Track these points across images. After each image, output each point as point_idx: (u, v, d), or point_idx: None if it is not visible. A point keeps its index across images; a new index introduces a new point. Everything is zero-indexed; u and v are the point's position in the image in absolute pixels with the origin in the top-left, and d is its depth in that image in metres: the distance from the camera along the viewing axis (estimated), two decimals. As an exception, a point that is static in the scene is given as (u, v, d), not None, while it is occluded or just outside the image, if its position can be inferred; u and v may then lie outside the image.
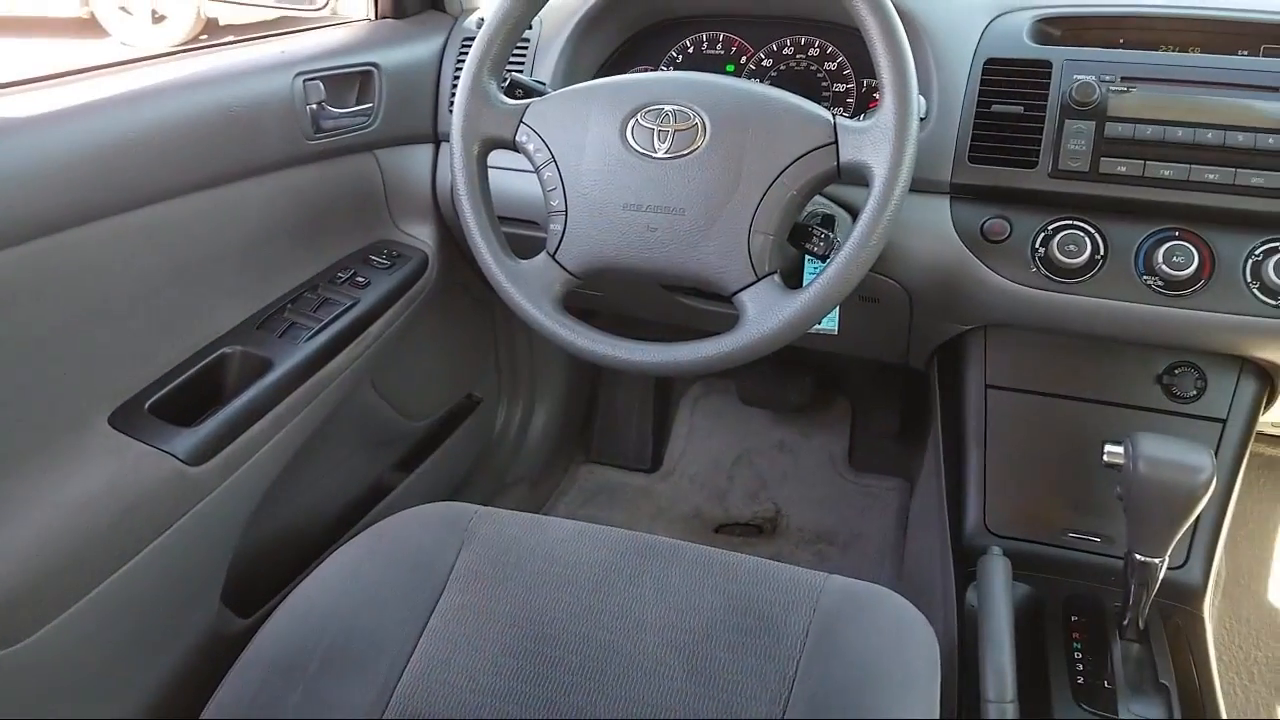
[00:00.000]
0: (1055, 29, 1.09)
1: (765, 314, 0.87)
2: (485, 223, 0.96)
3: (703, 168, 0.89)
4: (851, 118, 0.88)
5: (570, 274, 0.94)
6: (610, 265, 0.93)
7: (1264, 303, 0.96)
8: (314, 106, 1.15)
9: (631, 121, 0.91)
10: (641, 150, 0.91)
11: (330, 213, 1.22)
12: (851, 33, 0.85)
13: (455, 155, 0.96)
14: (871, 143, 0.84)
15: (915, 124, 0.84)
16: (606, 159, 0.92)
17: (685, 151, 0.89)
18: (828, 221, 0.99)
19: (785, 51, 1.22)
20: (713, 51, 1.25)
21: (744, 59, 1.24)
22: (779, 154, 0.87)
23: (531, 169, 0.96)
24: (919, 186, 1.05)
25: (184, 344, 1.04)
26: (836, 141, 0.86)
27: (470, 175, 0.96)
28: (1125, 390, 1.11)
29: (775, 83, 1.21)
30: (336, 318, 1.14)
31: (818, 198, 1.06)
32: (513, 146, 0.96)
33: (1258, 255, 0.96)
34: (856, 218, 0.85)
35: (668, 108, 0.91)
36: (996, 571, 0.99)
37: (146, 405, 0.98)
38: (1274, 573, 1.56)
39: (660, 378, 1.93)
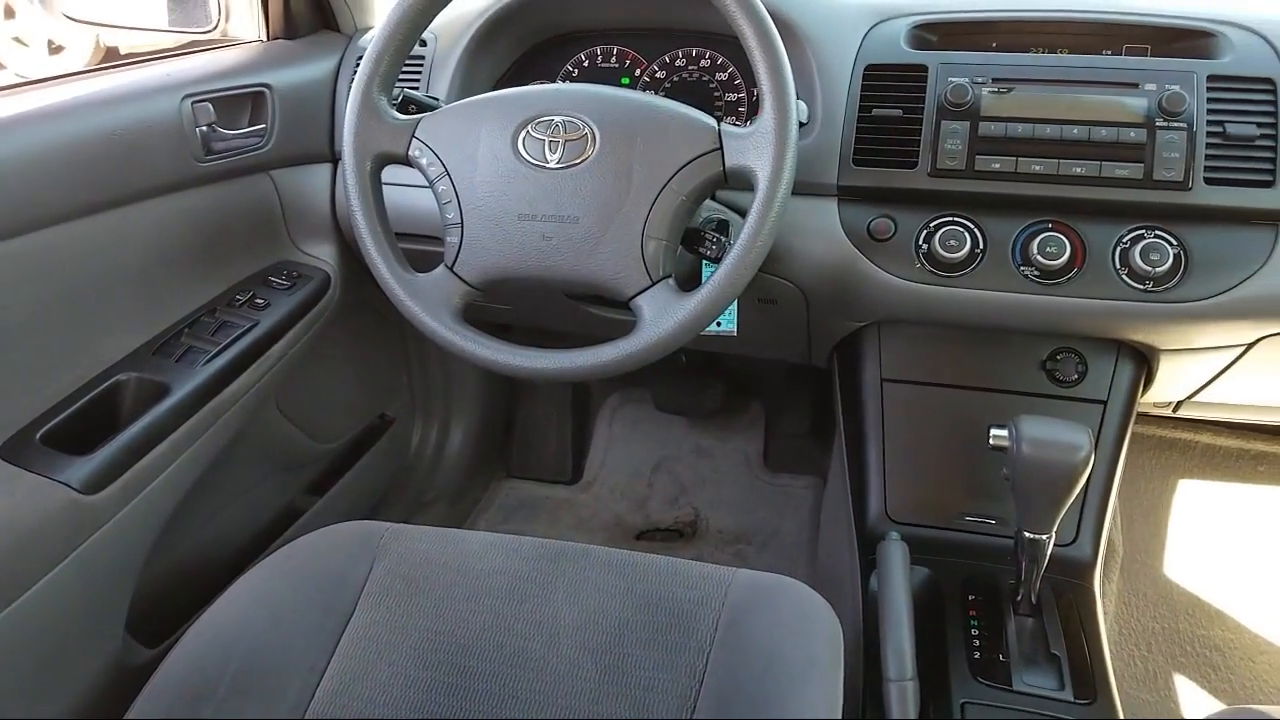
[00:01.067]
0: (932, 34, 1.14)
1: (660, 316, 0.89)
2: (381, 238, 0.96)
3: (594, 176, 0.90)
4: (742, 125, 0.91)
5: (469, 285, 0.95)
6: (508, 275, 0.94)
7: (1132, 288, 1.02)
8: (204, 128, 1.13)
9: (522, 133, 0.93)
10: (533, 161, 0.92)
11: (226, 235, 1.20)
12: (740, 44, 0.88)
13: (348, 172, 0.97)
14: (754, 147, 0.87)
15: (794, 128, 0.87)
16: (499, 170, 0.93)
17: (576, 161, 0.91)
18: (722, 226, 1.02)
19: (678, 63, 1.25)
20: (608, 65, 1.27)
21: (638, 71, 1.26)
22: (667, 161, 0.89)
23: (426, 183, 0.96)
24: (808, 190, 1.09)
25: (76, 372, 1.02)
26: (722, 147, 0.89)
27: (364, 191, 0.96)
28: (1012, 377, 1.16)
29: (669, 93, 1.24)
30: (235, 340, 1.13)
31: (713, 204, 1.09)
32: (406, 161, 0.97)
33: (1125, 243, 1.02)
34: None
35: (557, 119, 0.92)
36: (894, 556, 1.02)
37: (38, 435, 0.95)
38: (1168, 548, 1.64)
39: (578, 389, 1.94)
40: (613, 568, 0.96)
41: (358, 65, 0.97)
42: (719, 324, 1.11)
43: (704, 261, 1.09)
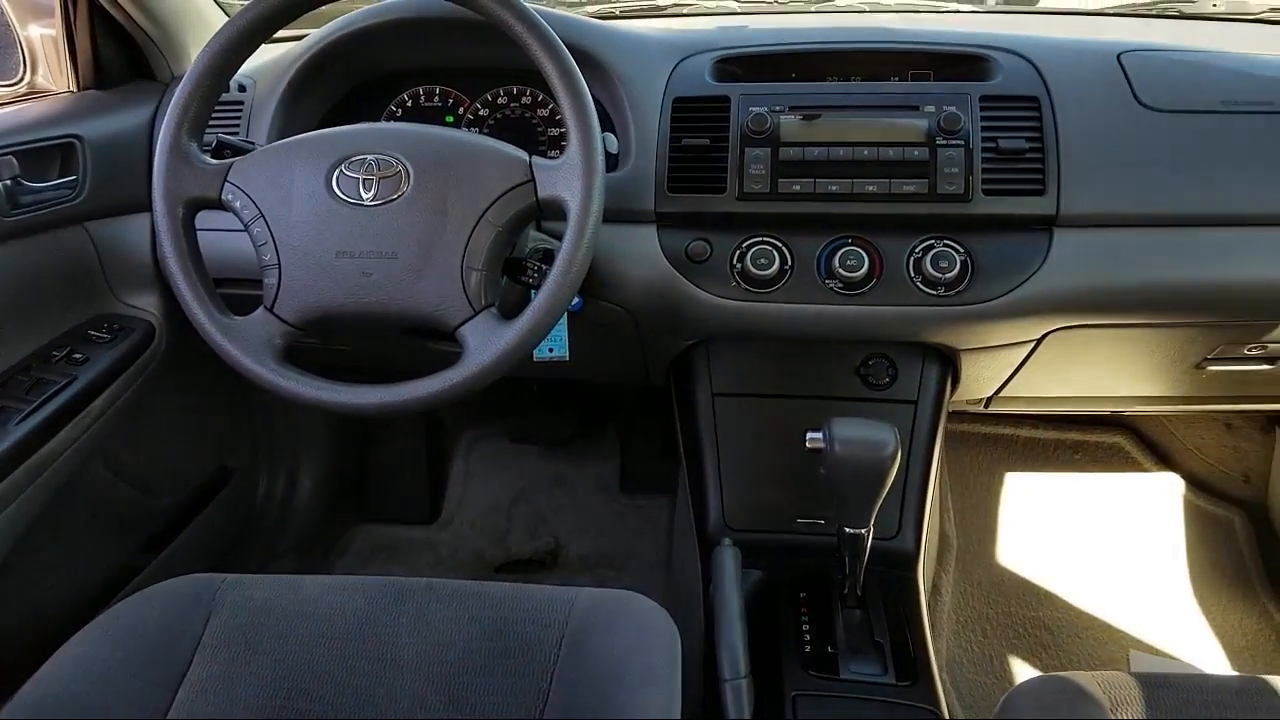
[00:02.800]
0: (736, 67, 1.21)
1: (484, 345, 0.91)
2: (196, 283, 0.95)
3: (410, 211, 0.92)
4: None
5: (290, 326, 0.95)
6: (329, 313, 0.94)
7: (926, 294, 1.10)
8: (7, 182, 1.09)
9: (336, 172, 0.94)
10: (348, 199, 0.93)
11: (38, 290, 1.16)
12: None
13: (158, 219, 0.95)
14: (564, 178, 0.91)
15: (601, 158, 0.91)
16: (315, 210, 0.94)
17: (392, 197, 0.93)
18: (546, 256, 1.05)
19: (500, 101, 1.28)
20: (431, 104, 1.30)
21: (462, 110, 1.29)
22: (481, 194, 0.92)
23: (242, 227, 0.96)
24: (628, 217, 1.14)
25: None
26: (534, 179, 0.93)
27: (176, 237, 0.95)
28: (831, 384, 1.23)
29: (492, 130, 1.27)
30: (51, 397, 1.09)
31: (539, 235, 1.12)
32: (219, 205, 0.97)
33: (918, 253, 1.10)
34: None
35: (370, 157, 0.94)
36: (726, 562, 1.07)
37: None
38: (999, 538, 1.75)
39: (432, 427, 1.94)
40: (457, 600, 0.97)
41: None
42: (551, 350, 1.14)
43: (532, 290, 1.12)
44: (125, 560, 1.35)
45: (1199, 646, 1.59)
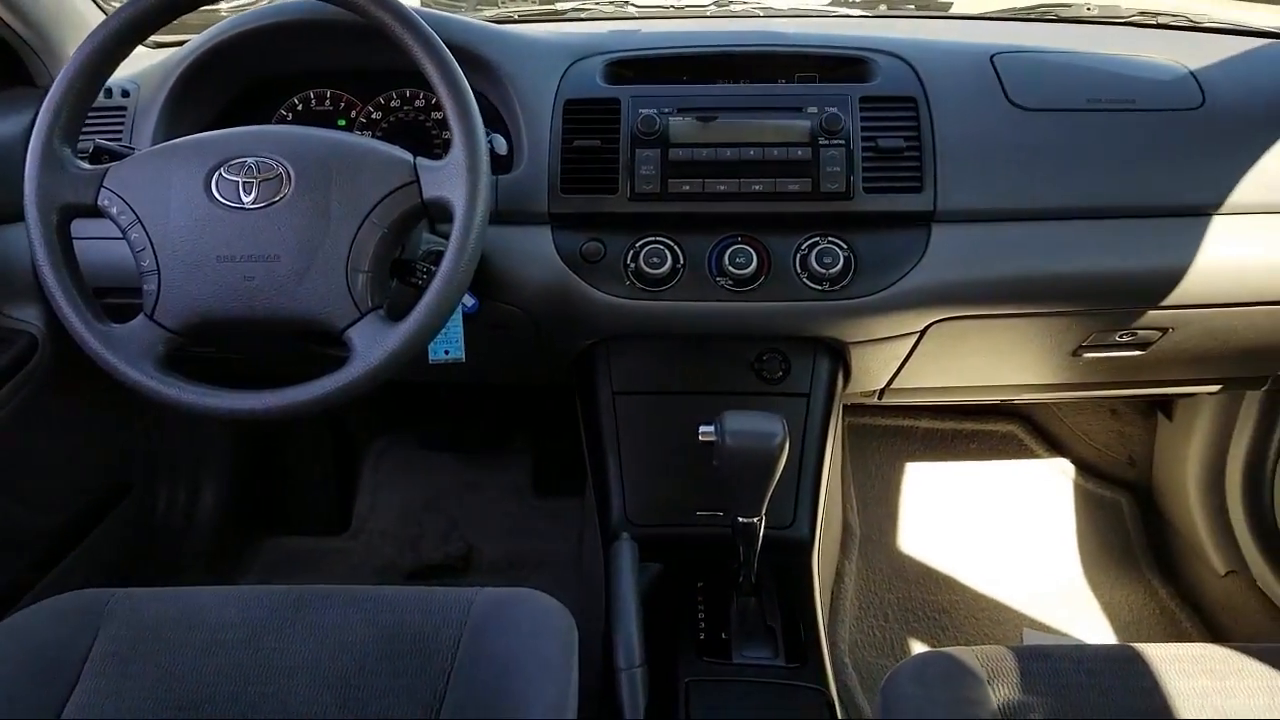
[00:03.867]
0: (628, 70, 1.23)
1: (371, 347, 0.91)
2: (71, 291, 0.93)
3: (292, 214, 0.92)
4: None
5: (171, 332, 0.94)
6: (211, 318, 0.93)
7: (813, 289, 1.13)
8: None
9: (215, 175, 0.93)
10: (228, 202, 0.92)
11: None
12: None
13: (31, 227, 0.93)
14: (448, 179, 0.92)
15: (485, 159, 0.92)
16: (194, 214, 0.92)
17: (273, 200, 0.92)
18: (437, 258, 1.05)
19: (393, 104, 1.28)
20: (322, 108, 1.29)
21: (354, 113, 1.28)
22: (365, 195, 0.92)
23: (120, 234, 0.94)
24: (522, 219, 1.15)
25: None
26: (418, 180, 0.93)
27: (50, 245, 0.93)
28: (727, 379, 1.25)
29: (385, 134, 1.27)
30: (-78, 413, 1.05)
31: (433, 236, 1.12)
32: (95, 212, 0.95)
33: (804, 250, 1.14)
34: None
35: (250, 159, 0.93)
36: (622, 555, 1.09)
37: None
38: (901, 526, 1.81)
39: (340, 435, 1.92)
40: (354, 605, 0.97)
41: None
42: (447, 352, 1.14)
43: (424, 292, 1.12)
44: (14, 578, 1.31)
45: (1089, 622, 1.67)
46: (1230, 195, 1.14)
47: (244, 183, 0.93)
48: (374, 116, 1.28)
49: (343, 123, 1.28)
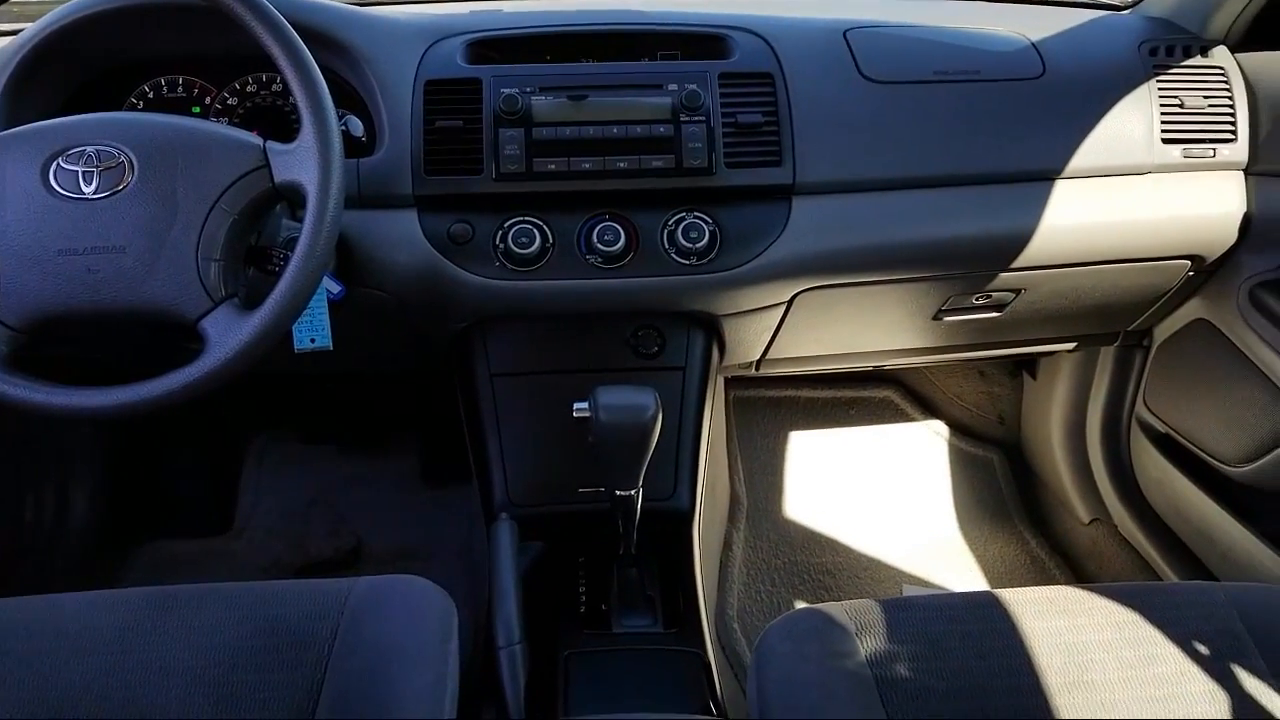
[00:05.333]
0: (489, 50, 1.22)
1: (224, 337, 0.88)
2: None
3: (137, 203, 0.89)
4: None
5: (12, 330, 0.89)
6: (54, 314, 0.89)
7: (681, 263, 1.15)
8: None
9: (52, 166, 0.89)
10: (68, 194, 0.88)
11: None
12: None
13: None
14: (299, 162, 0.90)
15: (337, 140, 0.90)
16: (31, 207, 0.88)
17: (116, 189, 0.89)
18: (293, 244, 1.03)
19: (249, 89, 1.24)
20: (175, 95, 1.24)
21: (209, 100, 1.24)
22: (212, 181, 0.89)
23: None
24: (386, 202, 1.13)
25: None
26: (268, 164, 0.91)
27: None
28: (604, 356, 1.27)
29: (242, 120, 1.23)
30: None
31: (293, 223, 1.10)
32: None
33: (670, 226, 1.15)
34: None
35: (90, 149, 0.90)
36: (501, 535, 1.09)
37: None
38: (786, 494, 1.86)
39: (218, 432, 1.86)
40: (228, 602, 0.95)
41: None
42: (313, 340, 1.12)
43: None
44: None
45: (965, 574, 1.75)
46: (1070, 160, 1.21)
47: (84, 172, 0.89)
48: (229, 103, 1.24)
49: (197, 110, 1.24)
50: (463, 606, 1.02)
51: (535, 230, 1.13)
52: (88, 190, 0.89)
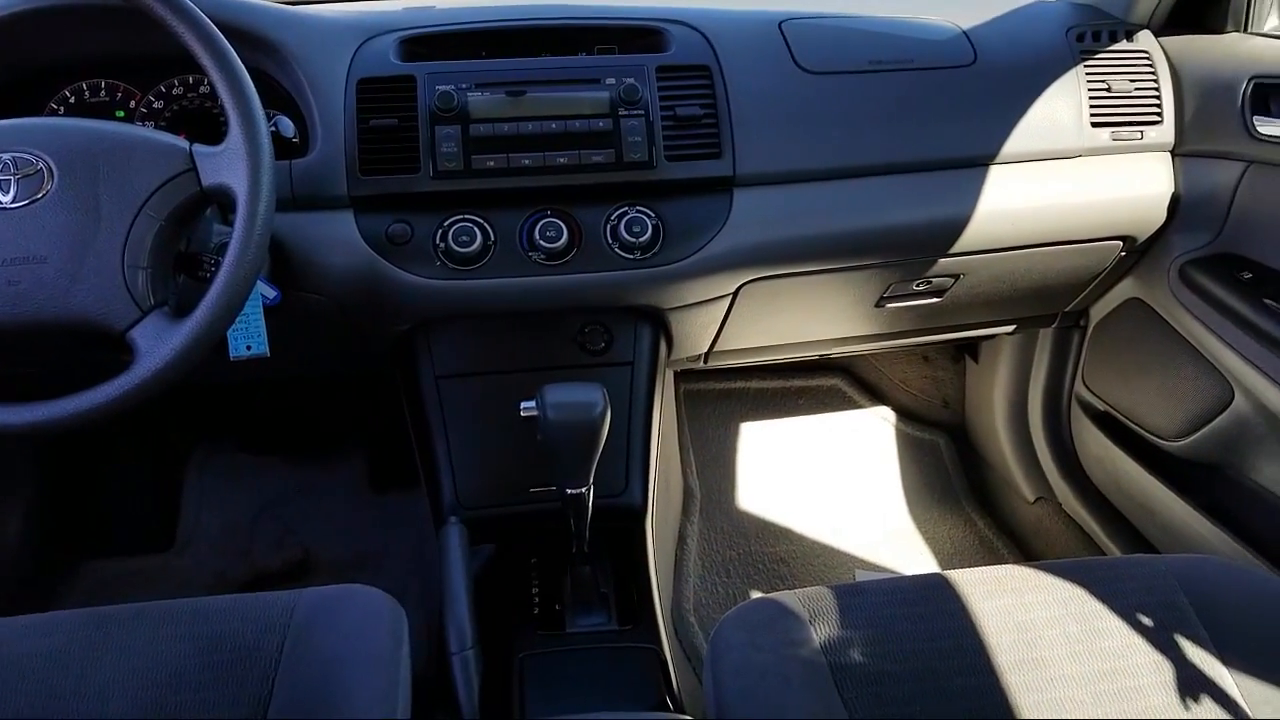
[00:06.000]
0: (424, 47, 1.20)
1: (155, 347, 0.86)
2: None
3: (58, 211, 0.85)
4: None
5: None
6: None
7: (625, 258, 1.15)
8: None
9: None
10: None
11: None
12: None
13: None
14: (228, 165, 0.87)
15: (266, 141, 0.88)
16: None
17: (36, 197, 0.86)
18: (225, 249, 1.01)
19: (175, 92, 1.21)
20: (98, 99, 1.20)
21: (133, 103, 1.20)
22: (137, 187, 0.87)
23: None
24: (321, 204, 1.11)
25: None
26: (195, 168, 0.88)
27: None
28: (552, 354, 1.25)
29: (169, 124, 1.20)
30: None
31: (226, 228, 1.07)
32: None
33: (613, 220, 1.15)
34: None
35: (5, 156, 0.86)
36: (450, 539, 1.08)
37: None
38: (739, 485, 1.86)
39: (158, 445, 1.81)
40: (169, 620, 0.92)
41: None
42: (249, 347, 1.09)
43: None
44: None
45: (915, 557, 1.77)
46: (1003, 146, 1.23)
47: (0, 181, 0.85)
48: (155, 106, 1.20)
49: (121, 114, 1.20)
50: (414, 613, 1.01)
51: (476, 228, 1.12)
52: (4, 199, 0.85)
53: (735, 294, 1.25)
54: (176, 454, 1.83)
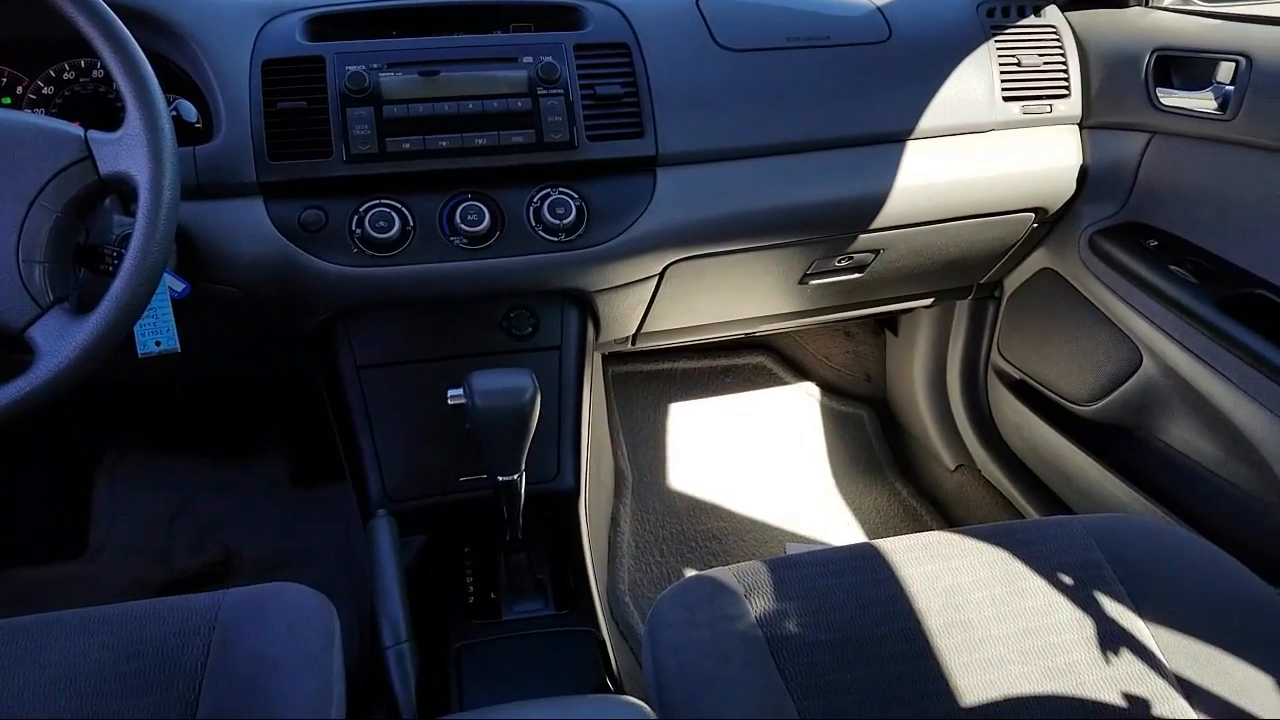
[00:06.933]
0: (331, 26, 1.16)
1: (57, 345, 0.81)
2: None
3: None
4: None
5: None
6: None
7: (549, 241, 1.13)
8: None
9: None
10: None
11: None
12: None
13: None
14: (126, 151, 0.83)
15: (167, 125, 0.84)
16: None
17: None
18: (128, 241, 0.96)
19: (67, 77, 1.14)
20: (-20, 85, 1.13)
21: (20, 89, 1.14)
22: (29, 177, 0.82)
23: None
24: (229, 191, 1.06)
25: None
26: (92, 156, 0.84)
27: None
28: (478, 341, 1.23)
29: (61, 110, 1.14)
30: None
31: (129, 219, 1.02)
32: None
33: (536, 202, 1.13)
34: None
35: None
36: (379, 533, 1.05)
37: None
38: (670, 465, 1.87)
39: (62, 447, 1.73)
40: (85, 629, 0.88)
41: None
42: (158, 343, 1.04)
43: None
44: None
45: (843, 528, 1.80)
46: (918, 121, 1.25)
47: None
48: (44, 92, 1.14)
49: (8, 101, 1.13)
50: (345, 609, 0.98)
51: (394, 213, 1.09)
52: (-118, 194, 0.80)
53: (662, 274, 1.25)
54: (86, 456, 1.76)
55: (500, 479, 1.05)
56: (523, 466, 1.05)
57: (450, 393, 1.03)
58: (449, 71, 1.11)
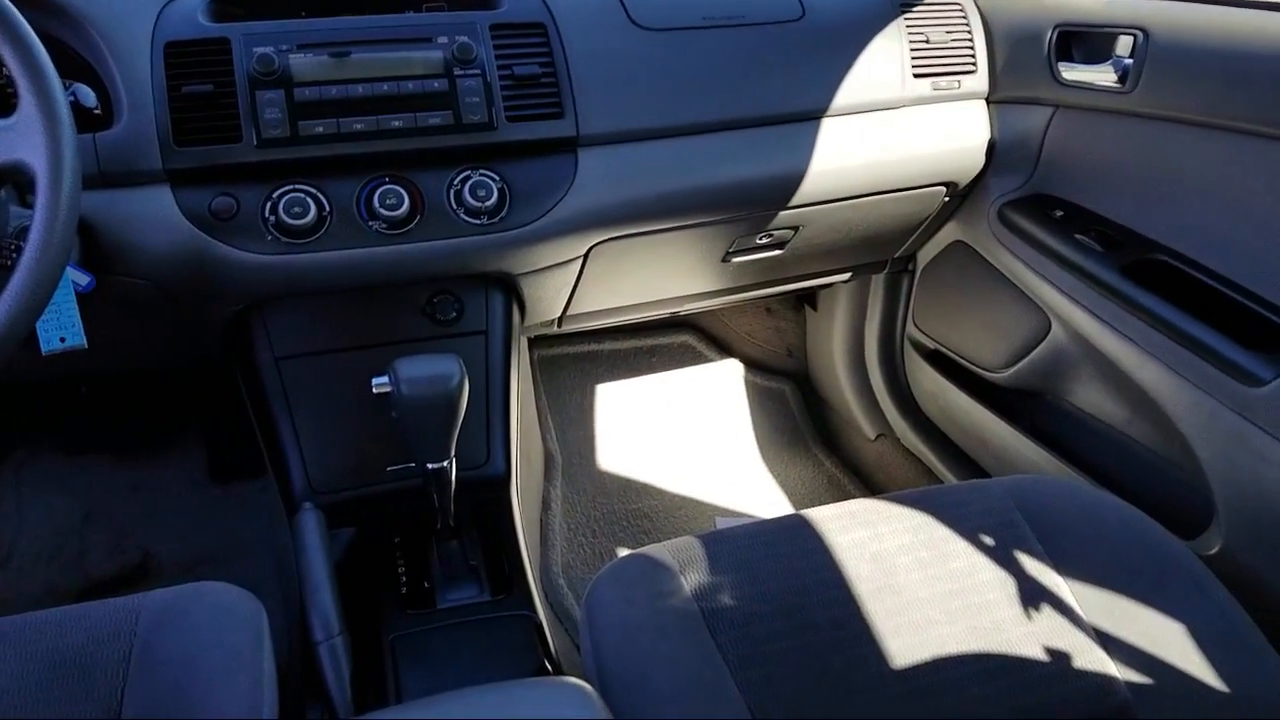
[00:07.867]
0: (236, 6, 1.12)
1: (-46, 345, 0.77)
2: None
3: None
4: None
5: None
6: None
7: (471, 224, 1.12)
8: None
9: None
10: None
11: None
12: None
13: None
14: (21, 139, 0.79)
15: (65, 111, 0.80)
16: None
17: None
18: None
19: (-50, 60, 1.08)
20: None
21: (-102, 74, 1.07)
22: None
23: None
24: (133, 179, 1.02)
25: None
26: None
27: None
28: (400, 328, 1.21)
29: (-55, 96, 1.07)
30: None
31: (27, 211, 0.97)
32: None
33: (456, 185, 1.11)
34: None
35: None
36: (306, 526, 1.03)
37: None
38: (599, 446, 1.87)
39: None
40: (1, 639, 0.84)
41: None
42: (63, 340, 1.00)
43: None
44: None
45: (770, 500, 1.83)
46: (832, 99, 1.27)
47: None
48: (-76, 77, 1.08)
49: (-114, 88, 1.07)
50: (274, 606, 0.96)
51: (309, 198, 1.06)
52: None
53: (586, 256, 1.24)
54: None
55: (430, 467, 1.04)
56: (452, 453, 1.04)
57: (375, 381, 1.01)
58: (361, 53, 1.08)
